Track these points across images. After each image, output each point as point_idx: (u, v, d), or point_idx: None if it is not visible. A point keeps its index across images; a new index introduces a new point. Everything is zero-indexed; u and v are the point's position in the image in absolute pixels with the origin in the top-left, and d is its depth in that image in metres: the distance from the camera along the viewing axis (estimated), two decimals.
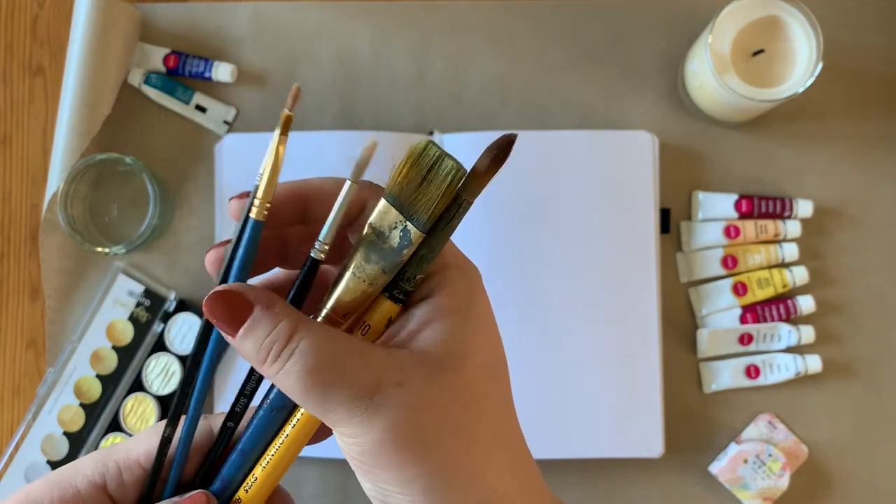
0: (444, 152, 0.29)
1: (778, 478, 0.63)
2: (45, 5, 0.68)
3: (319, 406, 0.28)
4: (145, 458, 0.31)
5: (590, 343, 0.63)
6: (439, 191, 0.29)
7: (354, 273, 0.29)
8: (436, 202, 0.29)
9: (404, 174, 0.29)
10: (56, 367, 0.64)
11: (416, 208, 0.29)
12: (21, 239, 0.67)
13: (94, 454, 0.32)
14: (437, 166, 0.29)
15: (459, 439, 0.28)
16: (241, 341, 0.28)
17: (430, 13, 0.67)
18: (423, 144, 0.29)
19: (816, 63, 0.59)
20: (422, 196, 0.29)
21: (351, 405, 0.27)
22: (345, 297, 0.29)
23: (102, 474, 0.31)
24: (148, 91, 0.66)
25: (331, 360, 0.28)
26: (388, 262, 0.29)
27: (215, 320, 0.28)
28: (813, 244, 0.65)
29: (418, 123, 0.66)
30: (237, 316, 0.28)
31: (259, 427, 0.30)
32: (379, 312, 0.29)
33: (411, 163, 0.29)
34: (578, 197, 0.63)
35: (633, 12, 0.67)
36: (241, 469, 0.31)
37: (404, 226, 0.29)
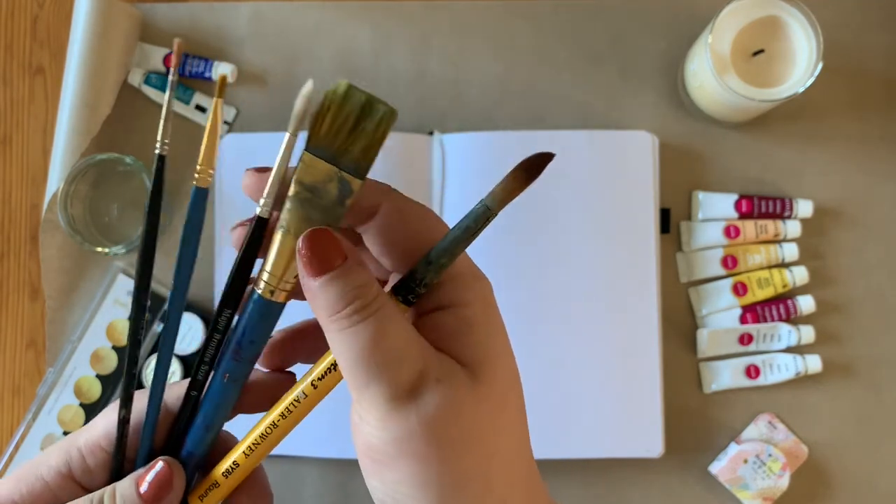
0: (368, 95, 0.28)
1: (778, 478, 0.63)
2: (45, 5, 0.68)
3: (365, 377, 0.27)
4: (107, 441, 0.31)
5: (590, 343, 0.63)
6: (374, 136, 0.28)
7: (297, 235, 0.28)
8: (373, 147, 0.28)
9: (329, 123, 0.28)
10: (56, 367, 0.64)
11: (350, 157, 0.28)
12: (21, 239, 0.67)
13: (57, 444, 0.31)
14: (367, 111, 0.28)
15: (484, 449, 0.28)
16: (326, 283, 0.27)
17: (430, 13, 0.67)
18: (344, 89, 0.28)
19: (816, 63, 0.59)
20: (355, 144, 0.28)
21: (394, 388, 0.26)
22: (292, 260, 0.28)
23: (67, 462, 0.31)
24: (148, 91, 0.66)
25: (397, 338, 0.27)
26: (331, 217, 0.28)
27: (309, 255, 0.27)
28: (813, 244, 0.65)
29: (418, 123, 0.66)
30: (328, 259, 0.27)
31: (218, 397, 0.30)
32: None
33: (335, 109, 0.28)
34: (578, 197, 0.63)
35: (633, 12, 0.67)
36: (205, 439, 0.30)
37: (340, 176, 0.28)
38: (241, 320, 0.29)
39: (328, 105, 0.28)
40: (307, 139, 0.28)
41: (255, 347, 0.30)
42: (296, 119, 0.28)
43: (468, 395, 0.28)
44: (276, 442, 0.30)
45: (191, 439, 0.31)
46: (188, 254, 0.30)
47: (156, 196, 0.30)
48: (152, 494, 0.30)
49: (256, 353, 0.30)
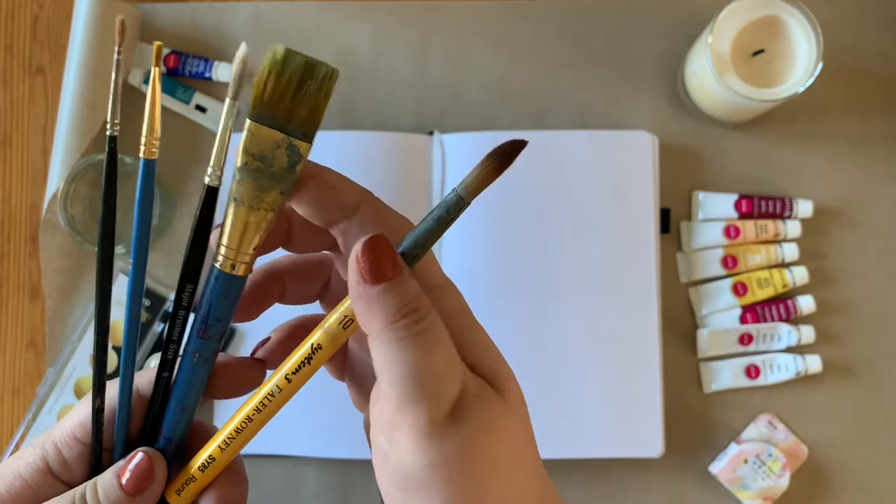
0: (307, 57, 0.28)
1: (778, 478, 0.63)
2: (45, 5, 0.68)
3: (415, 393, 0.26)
4: (81, 432, 0.30)
5: (590, 343, 0.63)
6: (318, 99, 0.27)
7: (251, 206, 0.27)
8: (318, 110, 0.28)
9: (270, 89, 0.27)
10: (56, 367, 0.64)
11: (296, 121, 0.27)
12: (21, 239, 0.67)
13: (34, 441, 0.31)
14: (308, 73, 0.28)
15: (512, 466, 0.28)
16: (388, 290, 0.26)
17: (430, 13, 0.67)
18: (283, 53, 0.27)
19: (816, 63, 0.59)
20: (300, 108, 0.27)
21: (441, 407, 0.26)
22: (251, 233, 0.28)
23: (43, 457, 0.30)
24: (148, 91, 0.66)
25: (449, 350, 0.26)
26: (284, 183, 0.27)
27: (370, 262, 0.26)
28: (813, 244, 0.65)
29: (418, 123, 0.66)
30: (385, 269, 0.26)
31: (189, 377, 0.29)
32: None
33: (276, 74, 0.27)
34: (578, 197, 0.63)
35: (633, 12, 0.67)
36: (180, 421, 0.30)
37: (289, 142, 0.27)
38: (205, 297, 0.29)
39: (268, 71, 0.27)
40: (251, 108, 0.28)
41: (222, 324, 0.29)
42: (234, 82, 0.28)
43: (500, 411, 0.27)
44: (250, 436, 0.29)
45: (167, 424, 0.30)
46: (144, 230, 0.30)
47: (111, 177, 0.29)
48: (134, 486, 0.29)
49: (223, 329, 0.30)
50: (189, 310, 0.30)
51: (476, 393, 0.27)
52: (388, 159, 0.63)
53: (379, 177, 0.63)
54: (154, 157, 0.29)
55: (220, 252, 0.28)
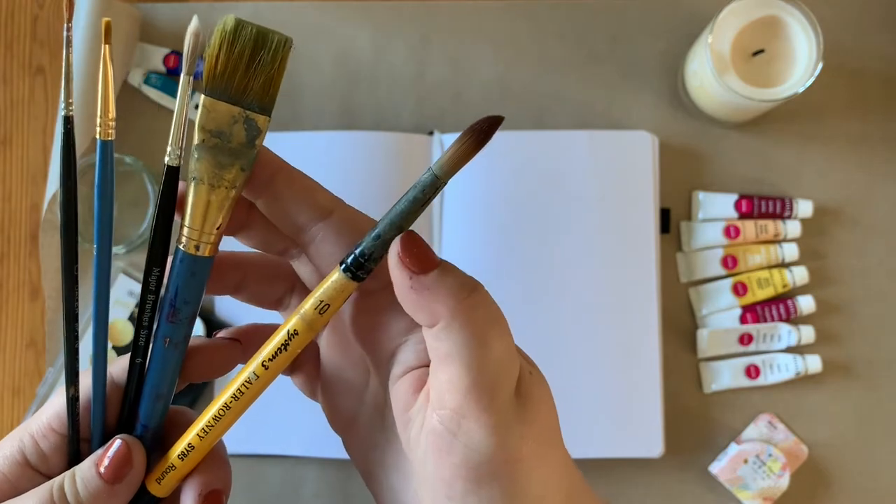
0: (259, 27, 0.27)
1: (778, 478, 0.63)
2: (45, 5, 0.68)
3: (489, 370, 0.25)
4: (58, 423, 0.30)
5: (590, 343, 0.63)
6: (274, 68, 0.26)
7: (212, 184, 0.27)
8: (274, 81, 0.27)
9: (223, 61, 0.26)
10: (56, 367, 0.64)
11: (251, 94, 0.26)
12: (21, 239, 0.67)
13: (10, 433, 0.31)
14: (261, 43, 0.26)
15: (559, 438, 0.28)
16: (442, 271, 0.26)
17: (430, 13, 0.67)
18: (233, 23, 0.26)
19: (816, 63, 0.59)
20: (254, 80, 0.26)
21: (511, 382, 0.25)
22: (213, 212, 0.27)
23: (20, 450, 0.30)
24: (148, 91, 0.66)
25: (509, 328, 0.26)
26: (243, 159, 0.27)
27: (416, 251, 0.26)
28: (813, 244, 0.65)
29: (418, 123, 0.66)
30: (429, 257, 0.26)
31: (161, 362, 0.29)
32: (338, 291, 0.27)
33: (227, 47, 0.26)
34: (578, 197, 0.63)
35: (633, 12, 0.67)
36: (156, 408, 0.30)
37: (245, 116, 0.27)
38: (171, 280, 0.28)
39: (219, 43, 0.26)
40: (204, 82, 0.27)
41: (190, 307, 0.29)
42: (188, 58, 0.27)
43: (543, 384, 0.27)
44: (229, 423, 0.29)
45: (143, 411, 0.30)
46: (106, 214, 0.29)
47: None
48: (112, 473, 0.29)
49: (193, 312, 0.29)
50: (157, 294, 0.29)
51: (529, 370, 0.27)
52: (388, 159, 0.63)
53: (379, 177, 0.63)
54: (110, 137, 0.28)
55: (183, 233, 0.28)
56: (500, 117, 0.27)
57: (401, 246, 0.26)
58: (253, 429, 0.62)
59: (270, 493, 0.64)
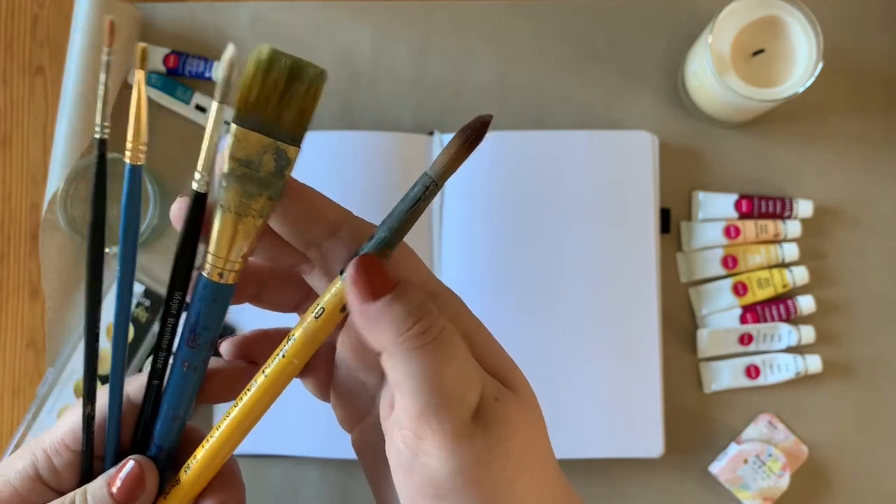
0: (294, 58, 0.26)
1: (778, 478, 0.63)
2: (45, 5, 0.68)
3: (437, 401, 0.25)
4: (72, 439, 0.30)
5: (590, 343, 0.63)
6: (305, 101, 0.26)
7: (238, 212, 0.27)
8: (306, 112, 0.26)
9: (256, 92, 0.26)
10: (56, 367, 0.64)
11: (283, 125, 0.26)
12: (21, 239, 0.67)
13: (23, 447, 0.31)
14: (295, 74, 0.26)
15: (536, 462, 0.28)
16: (392, 301, 0.26)
17: (430, 13, 0.67)
18: (268, 53, 0.26)
19: (816, 63, 0.59)
20: (287, 111, 0.26)
21: (465, 412, 0.26)
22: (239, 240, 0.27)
23: (33, 465, 0.30)
24: (148, 91, 0.66)
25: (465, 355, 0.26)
26: (272, 189, 0.26)
27: (365, 279, 0.26)
28: (813, 244, 0.65)
29: (418, 123, 0.66)
30: (382, 283, 0.26)
31: (179, 386, 0.29)
32: (336, 295, 0.27)
33: (261, 78, 0.26)
34: (578, 197, 0.63)
35: (633, 12, 0.67)
36: (171, 430, 0.30)
37: (276, 147, 0.26)
38: (193, 305, 0.28)
39: (253, 73, 0.26)
40: (235, 111, 0.26)
41: (211, 333, 0.29)
42: (221, 85, 0.27)
43: (518, 410, 0.27)
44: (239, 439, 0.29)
45: (158, 432, 0.30)
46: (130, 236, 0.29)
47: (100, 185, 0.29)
48: (124, 495, 0.29)
49: (213, 337, 0.29)
50: (178, 317, 0.29)
51: (495, 395, 0.27)
52: (388, 159, 0.63)
53: (379, 177, 0.63)
54: (140, 162, 0.28)
55: (207, 260, 0.27)
56: (489, 116, 0.27)
57: (353, 271, 0.26)
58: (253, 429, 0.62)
59: (270, 493, 0.64)
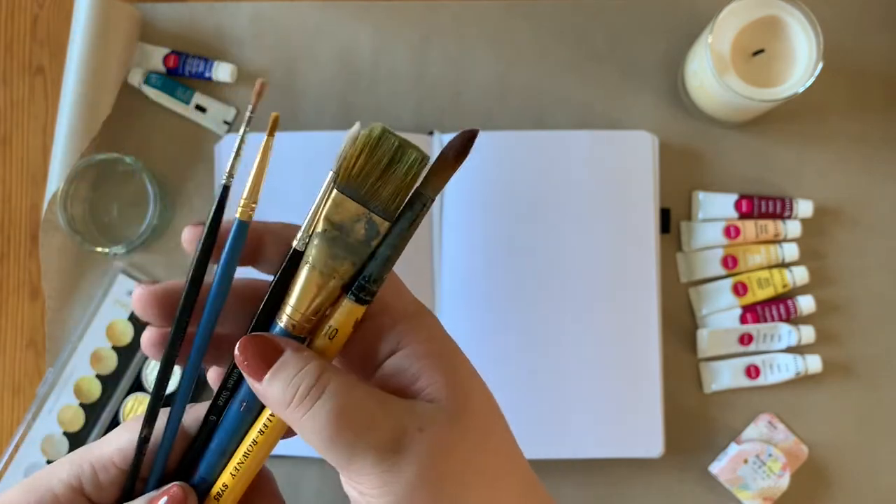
0: (402, 140, 0.28)
1: (778, 478, 0.63)
2: (45, 5, 0.68)
3: (346, 451, 0.27)
4: (119, 457, 0.30)
5: (590, 343, 0.63)
6: (404, 181, 0.28)
7: (322, 271, 0.28)
8: (402, 192, 0.28)
9: (361, 164, 0.28)
10: (56, 367, 0.64)
11: (379, 199, 0.28)
12: (21, 239, 0.67)
13: (69, 456, 0.31)
14: (399, 155, 0.28)
15: (483, 481, 0.28)
16: (269, 382, 0.28)
17: (430, 13, 0.67)
18: (379, 132, 0.28)
19: (816, 63, 0.59)
20: (385, 187, 0.28)
21: (379, 452, 0.27)
22: (316, 296, 0.29)
23: (78, 476, 0.30)
24: (148, 91, 0.66)
25: (359, 404, 0.27)
26: (357, 256, 0.28)
27: (246, 363, 0.28)
28: (813, 244, 0.65)
29: (418, 123, 0.66)
30: (265, 359, 0.28)
31: (234, 424, 0.30)
32: (345, 315, 0.29)
33: (368, 152, 0.28)
34: (578, 197, 0.63)
35: (633, 12, 0.67)
36: (217, 465, 0.30)
37: (369, 217, 0.28)
38: None
39: (362, 147, 0.28)
40: (338, 178, 0.28)
41: None
42: (339, 160, 0.29)
43: (453, 434, 0.28)
44: (261, 459, 0.30)
45: (205, 464, 0.31)
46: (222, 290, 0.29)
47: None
48: None
49: None
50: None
51: (419, 426, 0.27)
52: None
53: None
54: (249, 219, 0.29)
55: (285, 311, 0.29)
56: (475, 131, 0.28)
57: (237, 352, 0.28)
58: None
59: None
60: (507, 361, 0.62)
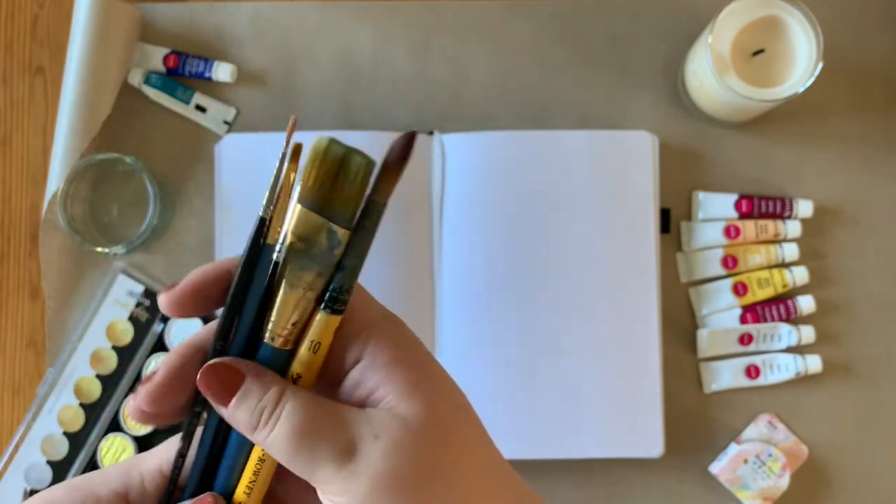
0: (348, 148, 0.30)
1: (778, 478, 0.63)
2: (45, 5, 0.68)
3: (308, 464, 0.29)
4: (167, 465, 0.32)
5: (590, 343, 0.63)
6: (354, 187, 0.30)
7: (292, 284, 0.30)
8: (355, 198, 0.30)
9: (314, 177, 0.29)
10: (56, 367, 0.64)
11: (335, 208, 0.29)
12: (21, 239, 0.67)
13: (118, 465, 0.32)
14: (345, 163, 0.30)
15: (445, 479, 0.29)
16: (233, 410, 0.30)
17: (430, 13, 0.67)
18: (325, 143, 0.29)
19: (816, 63, 0.59)
20: (338, 195, 0.29)
21: (336, 461, 0.29)
22: (289, 310, 0.30)
23: (125, 485, 0.32)
24: (148, 91, 0.66)
25: (314, 420, 0.29)
26: (323, 265, 0.30)
27: (209, 392, 0.30)
28: (813, 244, 0.65)
29: (418, 123, 0.66)
30: (229, 387, 0.30)
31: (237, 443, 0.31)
32: (323, 327, 0.30)
33: (318, 164, 0.29)
34: (578, 197, 0.63)
35: (633, 12, 0.67)
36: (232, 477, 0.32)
37: (329, 227, 0.29)
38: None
39: (312, 159, 0.29)
40: (299, 193, 0.29)
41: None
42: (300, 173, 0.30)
43: (407, 437, 0.29)
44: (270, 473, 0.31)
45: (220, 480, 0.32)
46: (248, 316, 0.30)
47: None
48: None
49: None
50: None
51: (375, 433, 0.29)
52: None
53: None
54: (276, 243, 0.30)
55: (268, 326, 0.30)
56: (413, 133, 0.30)
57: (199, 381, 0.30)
58: None
59: None
60: (506, 362, 0.62)
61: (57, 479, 0.63)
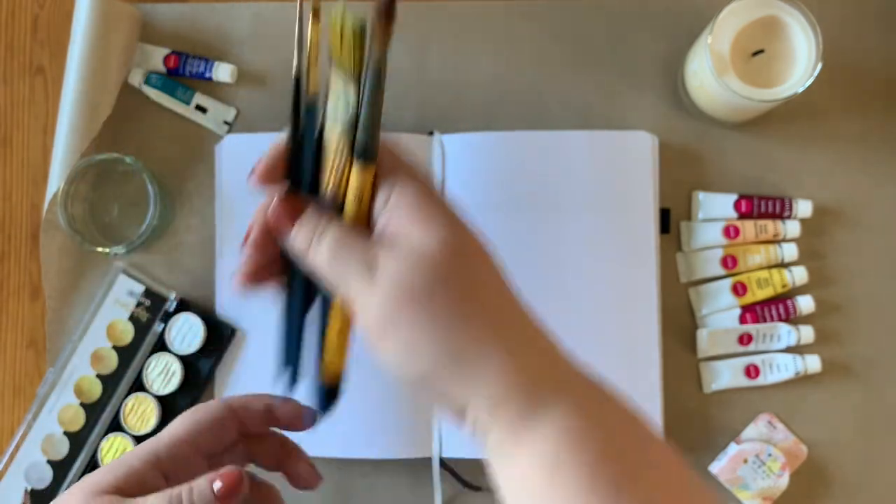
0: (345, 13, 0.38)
1: (778, 477, 0.63)
2: (45, 5, 0.68)
3: (343, 276, 0.37)
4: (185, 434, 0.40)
5: (589, 343, 0.63)
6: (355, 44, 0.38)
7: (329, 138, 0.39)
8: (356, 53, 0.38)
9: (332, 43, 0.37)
10: (56, 367, 0.65)
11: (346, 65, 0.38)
12: (21, 239, 0.67)
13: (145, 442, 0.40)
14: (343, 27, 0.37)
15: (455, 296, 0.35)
16: (296, 232, 0.38)
17: (430, 13, 0.67)
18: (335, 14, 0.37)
19: (816, 63, 0.59)
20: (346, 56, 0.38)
21: (362, 273, 0.36)
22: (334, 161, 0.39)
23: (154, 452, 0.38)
24: (148, 91, 0.66)
25: (348, 238, 0.37)
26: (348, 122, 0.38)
27: (278, 216, 0.38)
28: (813, 244, 0.65)
29: (418, 123, 0.66)
30: (292, 216, 0.38)
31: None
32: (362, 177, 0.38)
33: (331, 32, 0.37)
34: (578, 197, 0.63)
35: (633, 12, 0.67)
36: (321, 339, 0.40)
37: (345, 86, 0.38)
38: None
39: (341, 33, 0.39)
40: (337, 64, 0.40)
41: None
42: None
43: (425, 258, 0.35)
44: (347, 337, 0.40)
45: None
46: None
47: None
48: (224, 492, 0.36)
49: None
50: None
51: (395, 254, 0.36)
52: None
53: None
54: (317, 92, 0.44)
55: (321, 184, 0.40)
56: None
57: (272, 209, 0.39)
58: None
59: None
60: None
61: (57, 479, 0.63)
